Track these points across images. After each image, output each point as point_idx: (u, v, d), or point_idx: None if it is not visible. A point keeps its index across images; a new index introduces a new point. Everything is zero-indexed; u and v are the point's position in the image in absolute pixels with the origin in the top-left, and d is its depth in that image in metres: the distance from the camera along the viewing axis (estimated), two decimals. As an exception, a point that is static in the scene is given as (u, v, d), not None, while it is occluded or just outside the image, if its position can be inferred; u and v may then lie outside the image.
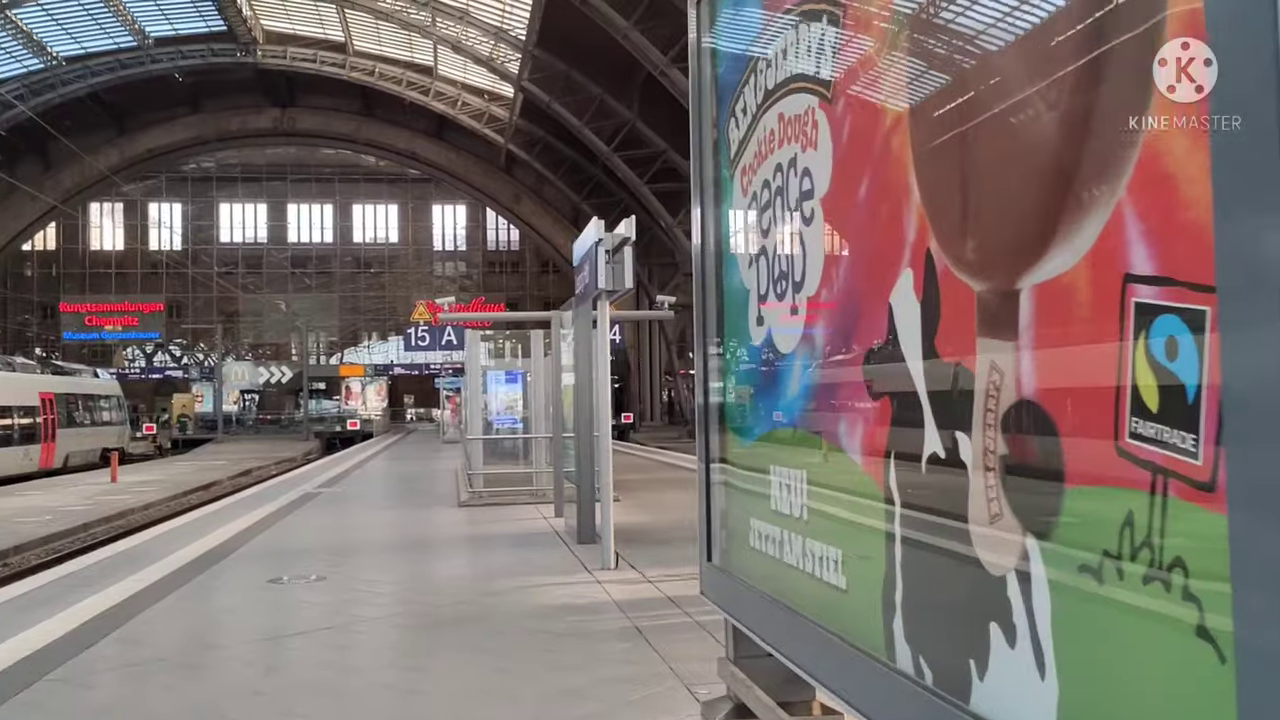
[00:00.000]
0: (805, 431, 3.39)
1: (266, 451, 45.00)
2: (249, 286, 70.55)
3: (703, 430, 4.39)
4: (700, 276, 4.41)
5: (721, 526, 4.35)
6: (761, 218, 3.79)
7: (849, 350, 3.00)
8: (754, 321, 3.89)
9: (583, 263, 9.53)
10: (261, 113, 62.36)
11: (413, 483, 20.93)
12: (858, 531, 2.91)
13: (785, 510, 3.52)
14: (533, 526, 12.46)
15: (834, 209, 3.11)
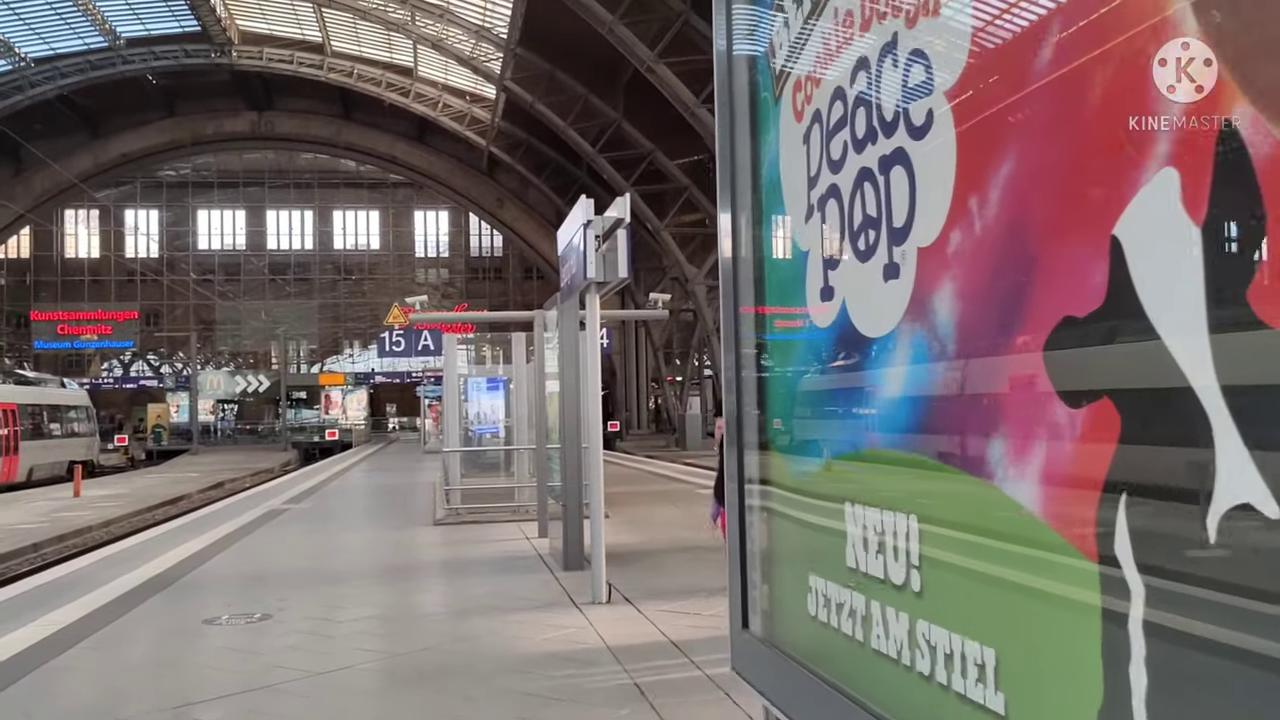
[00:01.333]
0: (913, 453, 2.23)
1: (242, 463, 43.63)
2: (227, 294, 69.09)
3: (734, 445, 3.22)
4: (731, 240, 3.26)
5: (763, 580, 3.18)
6: (829, 145, 2.63)
7: (1014, 326, 1.84)
8: (816, 295, 2.73)
9: (568, 252, 8.36)
10: (238, 116, 60.99)
11: (387, 498, 19.67)
12: (1039, 617, 1.77)
13: (874, 570, 2.36)
14: (514, 549, 11.26)
15: (981, 95, 1.95)
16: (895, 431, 2.30)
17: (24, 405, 33.76)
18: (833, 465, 2.70)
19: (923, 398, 2.17)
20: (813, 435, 2.87)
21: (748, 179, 3.26)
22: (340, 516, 16.20)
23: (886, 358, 2.33)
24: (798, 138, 2.85)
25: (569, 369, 9.20)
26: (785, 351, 3.07)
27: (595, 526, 8.29)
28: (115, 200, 68.63)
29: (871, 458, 2.45)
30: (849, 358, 2.61)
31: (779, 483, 3.03)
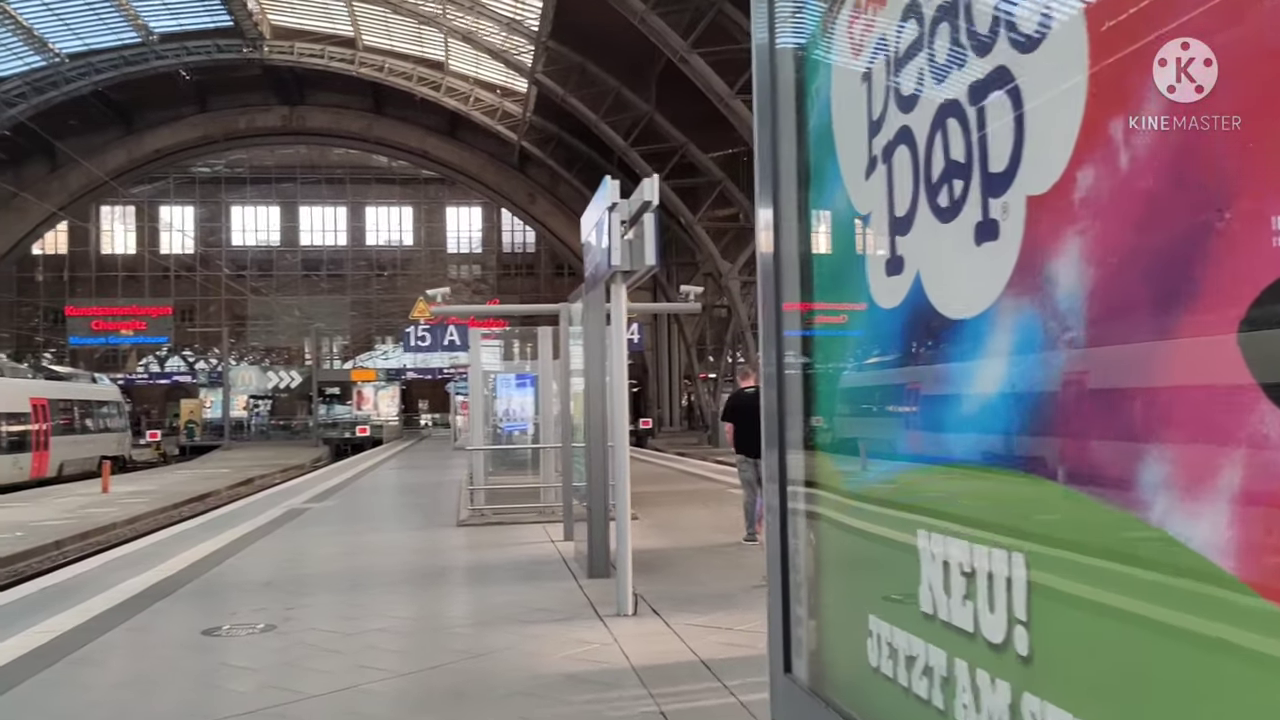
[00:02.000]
0: (1018, 470, 1.68)
1: (273, 458, 43.50)
2: (260, 290, 69.21)
3: (775, 448, 2.69)
4: (772, 209, 2.73)
5: (809, 615, 2.65)
6: (899, 77, 2.10)
7: (1188, 297, 1.29)
8: (879, 269, 2.20)
9: (592, 239, 7.83)
10: (270, 110, 60.96)
11: (413, 496, 19.25)
12: (1218, 706, 1.25)
13: (959, 620, 1.82)
14: (538, 552, 10.76)
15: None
16: (991, 440, 1.75)
17: (54, 400, 33.71)
18: (900, 480, 2.16)
19: (1035, 396, 1.62)
20: (872, 442, 2.33)
21: (789, 136, 2.73)
22: (362, 516, 15.78)
23: (978, 345, 1.79)
24: (856, 77, 2.32)
25: (594, 364, 8.69)
26: (838, 340, 2.54)
27: (621, 531, 7.77)
28: (150, 196, 68.96)
29: (955, 473, 1.91)
30: (923, 345, 2.07)
31: (830, 499, 2.50)
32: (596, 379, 8.66)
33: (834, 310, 2.54)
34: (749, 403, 10.87)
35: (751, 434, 10.57)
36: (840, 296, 2.49)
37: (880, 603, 2.21)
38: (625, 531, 7.73)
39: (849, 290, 2.41)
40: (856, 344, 2.41)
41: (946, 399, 1.94)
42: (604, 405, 8.60)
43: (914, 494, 2.09)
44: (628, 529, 7.78)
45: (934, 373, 2.01)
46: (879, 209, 2.21)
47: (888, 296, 2.16)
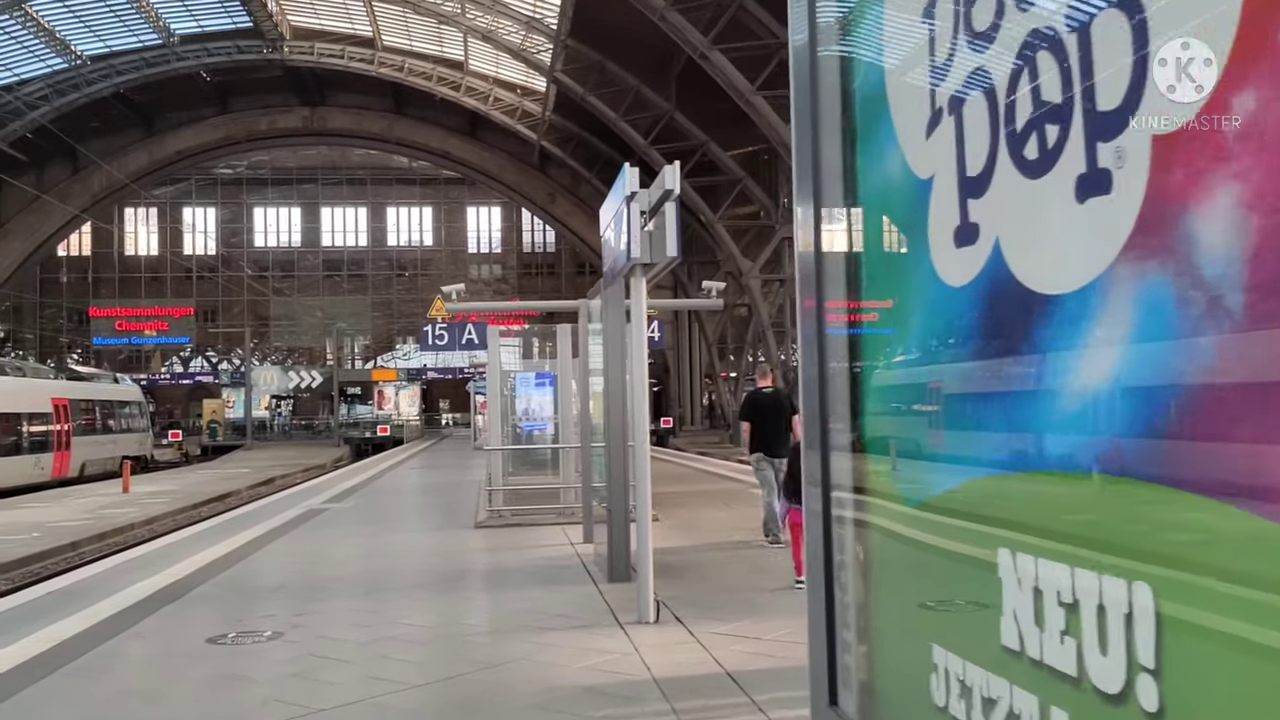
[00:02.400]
0: (1143, 481, 1.36)
1: (295, 458, 43.45)
2: (282, 290, 69.33)
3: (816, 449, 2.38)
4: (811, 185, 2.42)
5: (859, 640, 2.32)
6: (970, 7, 1.78)
7: None
8: (946, 239, 1.88)
9: (610, 231, 7.52)
10: (291, 112, 60.96)
11: (431, 496, 19.01)
12: None
13: (1057, 660, 1.51)
14: (556, 555, 10.46)
15: None
16: (1100, 441, 1.43)
17: (76, 401, 33.69)
18: (974, 488, 1.84)
19: (1164, 386, 1.30)
20: (935, 443, 2.01)
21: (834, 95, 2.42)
22: (379, 517, 15.53)
23: (1080, 325, 1.47)
24: (914, 10, 2.01)
25: (614, 361, 8.38)
26: (894, 327, 2.21)
27: (642, 535, 7.46)
28: (172, 198, 69.22)
29: (1049, 481, 1.59)
30: (1003, 327, 1.75)
31: (886, 508, 2.18)
32: (617, 377, 8.36)
33: (888, 293, 2.22)
34: (767, 402, 10.88)
35: (769, 433, 10.61)
36: (896, 278, 2.18)
37: (948, 631, 1.90)
38: (646, 535, 7.42)
39: (907, 270, 2.09)
40: (916, 330, 2.09)
41: (1037, 392, 1.62)
42: (624, 404, 8.30)
43: (993, 504, 1.77)
44: (649, 532, 7.47)
45: (1018, 360, 1.69)
46: (945, 170, 1.89)
47: (957, 271, 1.83)
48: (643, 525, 7.51)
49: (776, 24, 30.86)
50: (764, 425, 10.67)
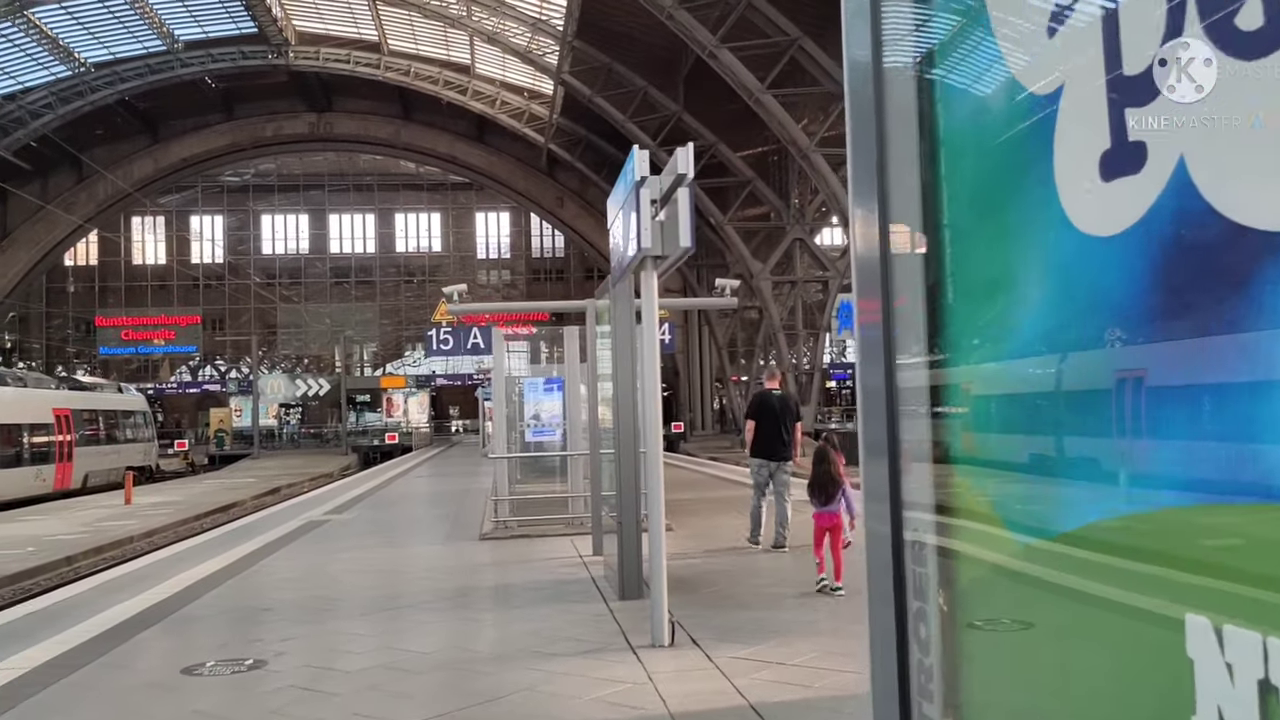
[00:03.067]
0: None
1: (302, 467, 42.97)
2: (289, 298, 68.98)
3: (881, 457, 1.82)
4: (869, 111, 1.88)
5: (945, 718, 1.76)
6: None
7: None
8: (1087, 171, 1.32)
9: (618, 222, 6.97)
10: (297, 117, 60.62)
11: (436, 506, 18.46)
12: None
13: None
14: (564, 570, 9.90)
15: None
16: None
17: (78, 411, 33.26)
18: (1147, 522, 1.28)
19: None
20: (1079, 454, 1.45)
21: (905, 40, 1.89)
22: (380, 529, 14.97)
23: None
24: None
25: (624, 363, 7.83)
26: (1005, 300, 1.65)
27: (655, 551, 6.90)
28: (178, 205, 68.89)
29: None
30: (1193, 285, 1.20)
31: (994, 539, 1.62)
32: (626, 379, 7.80)
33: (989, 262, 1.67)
34: (773, 404, 10.79)
35: (771, 435, 10.55)
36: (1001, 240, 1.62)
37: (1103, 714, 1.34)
38: (659, 551, 6.86)
39: (1020, 226, 1.54)
40: (1037, 304, 1.53)
41: (1255, 384, 1.07)
42: (635, 408, 7.75)
43: (1178, 547, 1.22)
44: (662, 546, 6.91)
45: (1217, 334, 1.14)
46: (1083, 74, 1.34)
47: (1106, 214, 1.28)
48: (655, 539, 6.96)
49: (786, 21, 30.34)
50: (767, 427, 10.64)
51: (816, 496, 8.38)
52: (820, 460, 8.50)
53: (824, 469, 8.39)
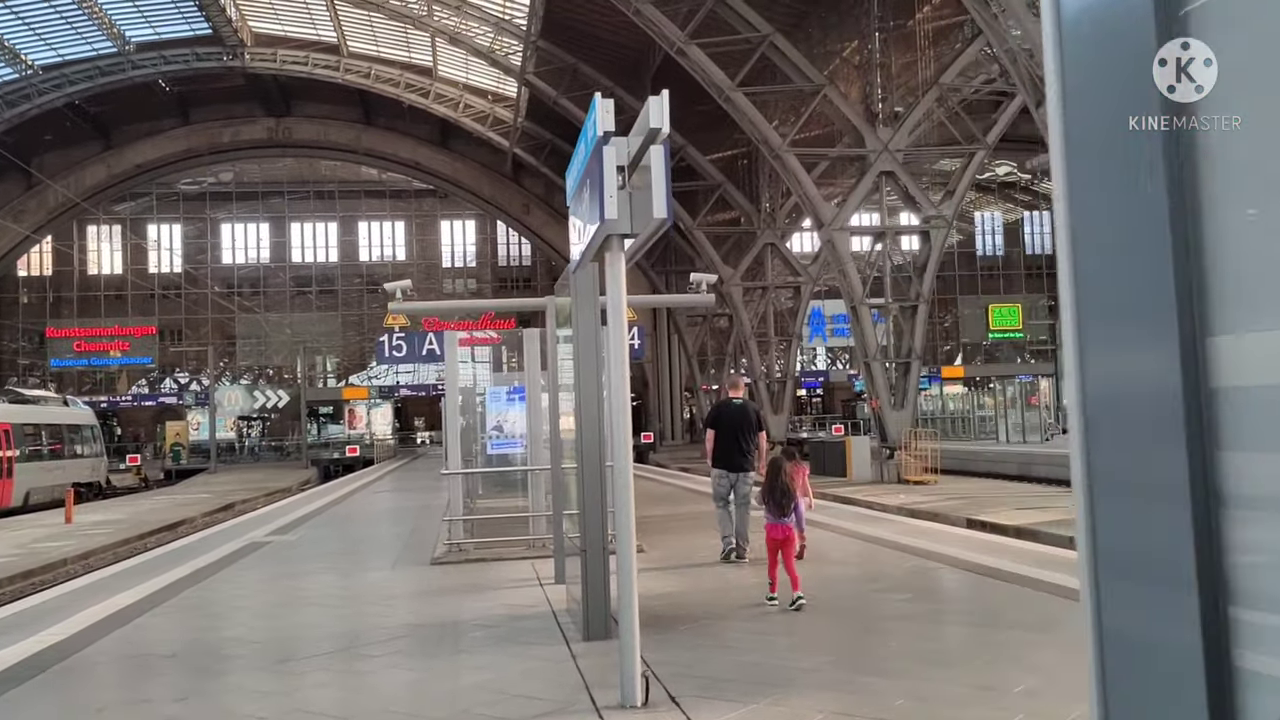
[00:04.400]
0: None
1: (260, 481, 41.48)
2: (250, 308, 67.32)
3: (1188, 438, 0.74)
4: None
5: None
6: None
7: None
8: None
9: (580, 188, 5.84)
10: (255, 122, 59.03)
11: (390, 525, 17.22)
12: None
13: None
14: (522, 601, 8.73)
15: None
16: None
17: (19, 425, 31.67)
18: None
19: None
20: None
21: None
22: (325, 552, 13.71)
23: None
24: None
25: (587, 364, 6.70)
26: None
27: (625, 586, 5.78)
28: (134, 213, 67.08)
29: None
30: None
31: None
32: (590, 383, 6.68)
33: None
34: (733, 414, 10.61)
35: (731, 446, 10.36)
36: None
37: None
38: (630, 585, 5.74)
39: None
40: None
41: None
42: (599, 416, 6.63)
43: None
44: (633, 582, 5.78)
45: None
46: None
47: None
48: (625, 573, 5.82)
49: (757, 17, 29.35)
50: (727, 437, 10.48)
51: (770, 508, 8.23)
52: (775, 470, 8.35)
53: (778, 479, 8.23)
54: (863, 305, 27.72)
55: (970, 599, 8.29)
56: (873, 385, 27.88)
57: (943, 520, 18.16)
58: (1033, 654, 6.23)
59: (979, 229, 70.08)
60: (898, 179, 28.03)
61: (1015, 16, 17.89)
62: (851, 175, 30.19)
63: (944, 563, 10.18)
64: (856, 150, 28.55)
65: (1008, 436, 38.74)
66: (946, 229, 28.53)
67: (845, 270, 28.08)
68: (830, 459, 29.89)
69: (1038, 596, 8.14)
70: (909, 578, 9.38)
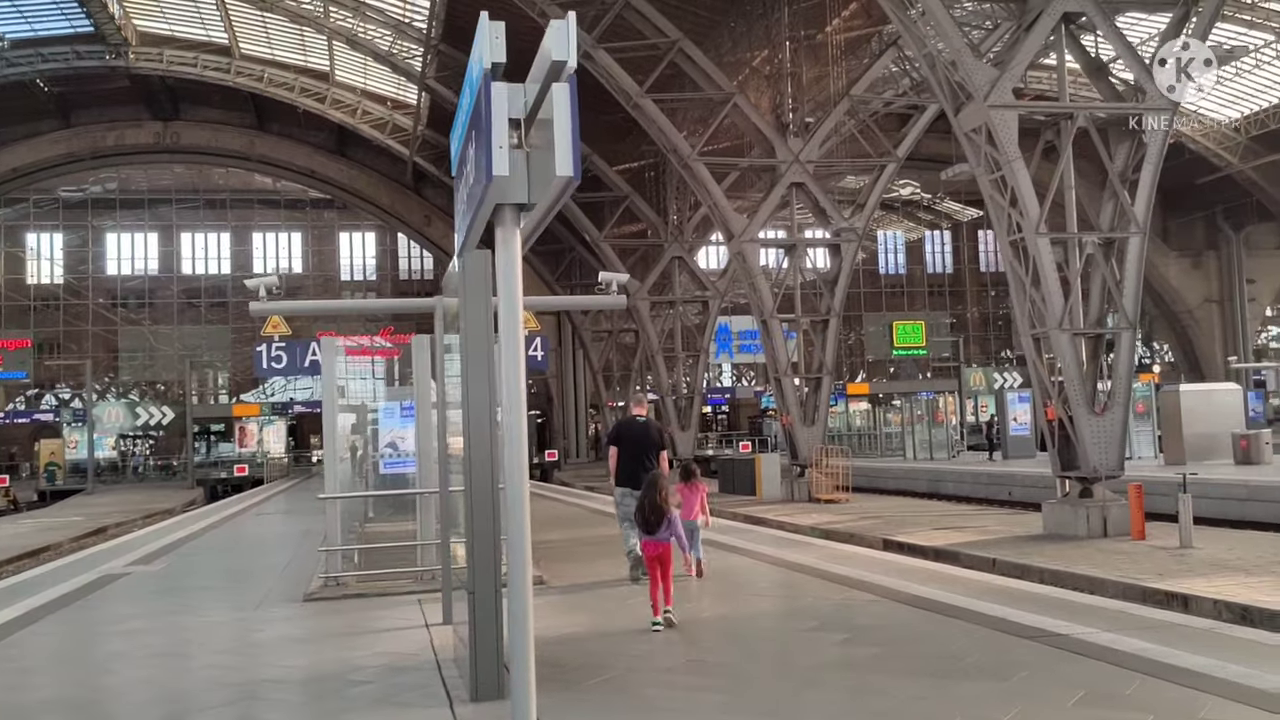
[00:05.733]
0: None
1: (142, 502, 39.06)
2: (137, 320, 64.19)
3: None
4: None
5: None
6: None
7: None
8: None
9: (465, 150, 4.70)
10: (141, 126, 56.23)
11: (267, 553, 15.72)
12: None
13: None
14: (403, 648, 7.51)
15: None
16: None
17: None
18: None
19: None
20: None
21: None
22: (186, 587, 12.18)
23: None
24: None
25: (476, 365, 5.56)
26: None
27: (518, 636, 4.67)
28: (9, 220, 63.58)
29: None
30: None
31: None
32: (481, 390, 5.54)
33: None
34: (636, 431, 10.66)
35: (634, 464, 10.25)
36: None
37: None
38: (524, 643, 4.63)
39: None
40: None
41: None
42: (491, 429, 5.50)
43: None
44: (528, 629, 4.68)
45: None
46: None
47: None
48: (519, 618, 4.71)
49: (666, 23, 28.56)
50: (629, 455, 10.45)
51: (639, 525, 8.24)
52: (649, 488, 8.21)
53: (649, 497, 8.10)
54: (773, 319, 26.99)
55: (913, 639, 7.35)
56: (783, 401, 27.13)
57: (859, 541, 17.42)
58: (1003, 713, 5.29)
59: (882, 246, 70.54)
60: (808, 190, 27.41)
61: (935, 20, 17.30)
62: (761, 189, 29.49)
63: (874, 593, 9.27)
64: (767, 161, 27.87)
65: (915, 453, 38.50)
66: (857, 242, 28.00)
67: (755, 283, 27.33)
68: (739, 477, 29.06)
69: (986, 635, 7.25)
70: (841, 613, 8.42)
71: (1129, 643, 6.51)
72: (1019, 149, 16.48)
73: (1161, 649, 6.33)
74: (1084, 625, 7.09)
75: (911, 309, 68.16)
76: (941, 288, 69.88)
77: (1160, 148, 16.65)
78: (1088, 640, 6.65)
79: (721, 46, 32.01)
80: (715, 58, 29.94)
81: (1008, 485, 26.75)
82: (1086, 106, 18.13)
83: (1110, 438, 16.34)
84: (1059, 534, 16.20)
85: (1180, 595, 11.06)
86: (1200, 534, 14.40)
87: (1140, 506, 15.45)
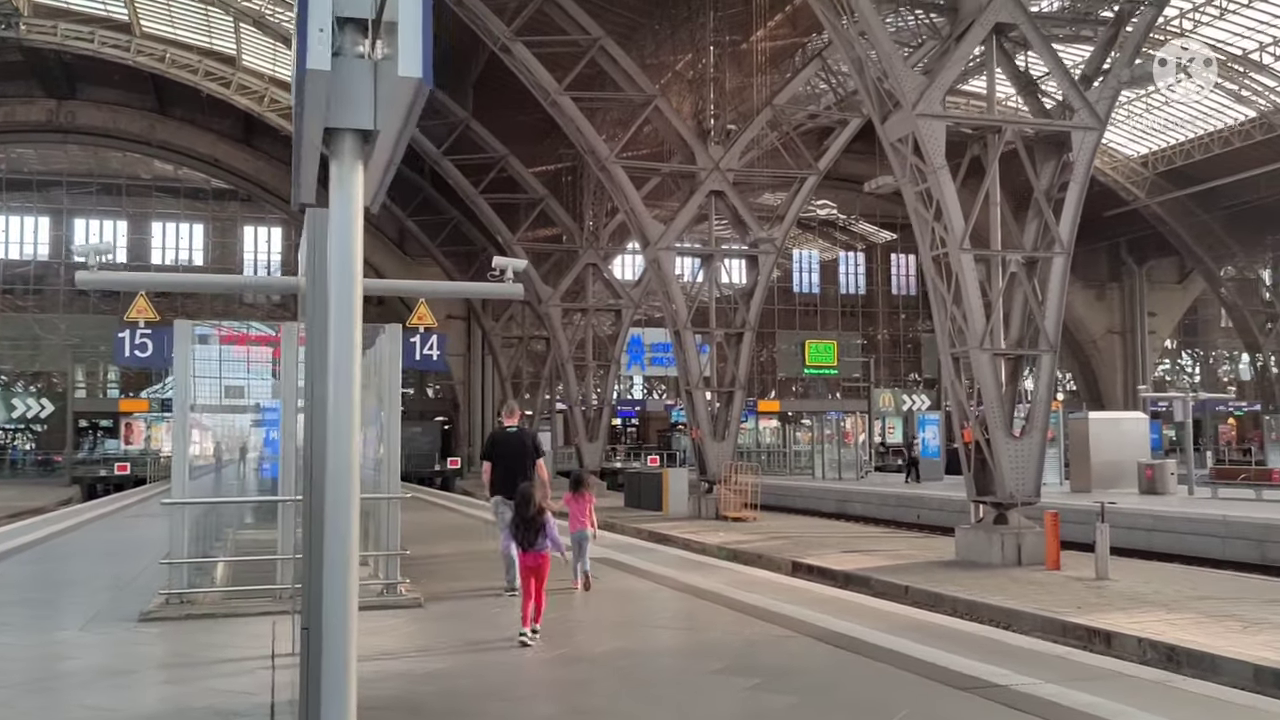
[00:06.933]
0: None
1: (11, 500, 36.64)
2: (24, 307, 60.99)
3: None
4: None
5: None
6: None
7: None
8: None
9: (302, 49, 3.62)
10: (33, 103, 53.37)
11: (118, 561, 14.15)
12: None
13: None
14: (238, 687, 6.33)
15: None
16: None
17: None
18: None
19: None
20: None
21: None
22: (17, 599, 10.73)
23: None
24: None
25: (319, 346, 4.50)
26: None
27: (330, 685, 3.61)
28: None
29: None
30: None
31: None
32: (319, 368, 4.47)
33: None
34: (509, 442, 10.67)
35: (510, 474, 10.12)
36: None
37: None
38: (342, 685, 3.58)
39: None
40: None
41: None
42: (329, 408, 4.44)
43: None
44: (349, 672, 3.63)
45: None
46: None
47: None
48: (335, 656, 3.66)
49: (588, 20, 27.63)
50: (504, 466, 10.44)
51: (515, 538, 8.19)
52: (521, 501, 8.12)
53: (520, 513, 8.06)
54: (687, 330, 26.16)
55: (832, 686, 6.45)
56: (694, 415, 26.29)
57: (767, 563, 16.62)
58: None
59: (797, 265, 70.52)
60: (728, 200, 26.70)
61: (867, 25, 16.64)
62: (680, 198, 28.69)
63: (787, 627, 8.37)
64: (687, 167, 27.08)
65: (824, 473, 38.04)
66: (775, 254, 27.35)
67: (670, 292, 26.48)
68: (646, 492, 28.18)
69: (915, 684, 6.38)
70: (752, 651, 7.48)
71: (1076, 697, 5.70)
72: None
73: (1114, 705, 5.52)
74: (1024, 675, 6.26)
75: (824, 328, 68.18)
76: (854, 308, 70.06)
77: (1087, 167, 16.39)
78: (1031, 694, 5.81)
79: (645, 48, 31.20)
80: (638, 59, 29.10)
81: (916, 508, 26.29)
82: (1015, 120, 17.84)
83: (1027, 462, 15.78)
84: (972, 560, 15.59)
85: (1102, 631, 10.43)
86: (1112, 564, 13.87)
87: (1056, 535, 14.92)
